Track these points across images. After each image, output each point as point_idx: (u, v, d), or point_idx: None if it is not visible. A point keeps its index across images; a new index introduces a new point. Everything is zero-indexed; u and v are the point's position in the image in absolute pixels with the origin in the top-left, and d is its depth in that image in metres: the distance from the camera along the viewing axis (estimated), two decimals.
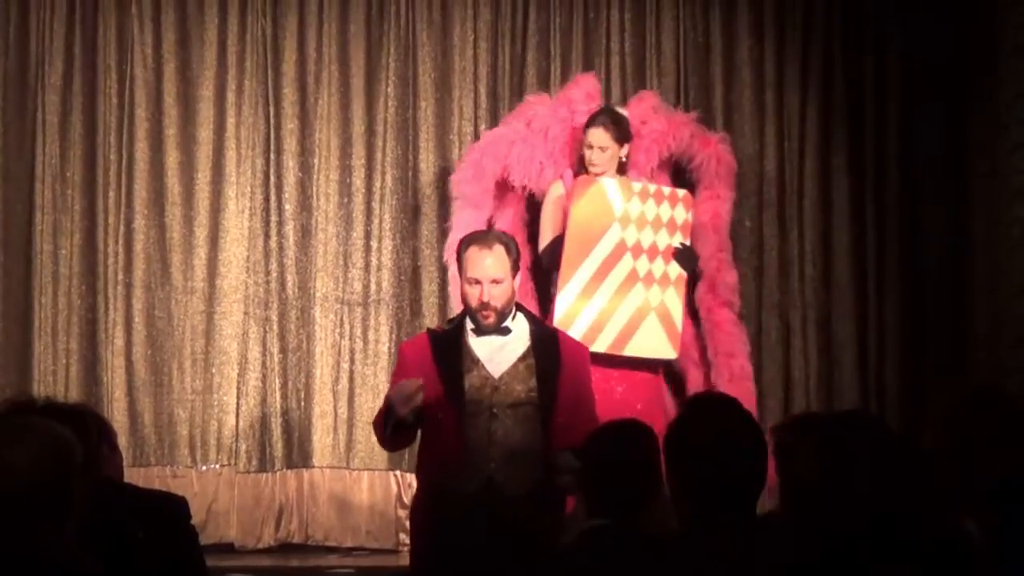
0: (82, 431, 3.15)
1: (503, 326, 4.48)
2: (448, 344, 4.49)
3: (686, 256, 6.18)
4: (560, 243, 6.06)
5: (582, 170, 6.23)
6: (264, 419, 6.92)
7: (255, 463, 6.90)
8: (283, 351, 6.98)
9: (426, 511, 4.49)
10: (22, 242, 6.96)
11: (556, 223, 6.20)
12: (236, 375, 6.96)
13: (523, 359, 4.47)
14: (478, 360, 4.46)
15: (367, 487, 6.96)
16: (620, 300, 6.02)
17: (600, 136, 6.11)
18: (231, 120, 7.06)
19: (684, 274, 6.19)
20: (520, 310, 4.58)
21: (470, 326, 4.50)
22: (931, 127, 7.10)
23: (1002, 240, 6.72)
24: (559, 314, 5.93)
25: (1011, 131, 6.66)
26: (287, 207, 7.05)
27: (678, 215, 6.16)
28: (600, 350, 5.86)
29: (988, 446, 3.24)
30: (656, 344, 6.08)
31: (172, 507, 3.59)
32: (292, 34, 7.11)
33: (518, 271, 4.55)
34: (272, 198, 7.04)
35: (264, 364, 6.95)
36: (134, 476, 6.14)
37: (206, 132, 7.05)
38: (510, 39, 7.15)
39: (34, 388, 6.71)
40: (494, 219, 6.44)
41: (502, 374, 4.44)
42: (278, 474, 6.93)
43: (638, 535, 3.25)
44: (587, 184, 6.06)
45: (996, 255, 6.77)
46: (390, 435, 4.47)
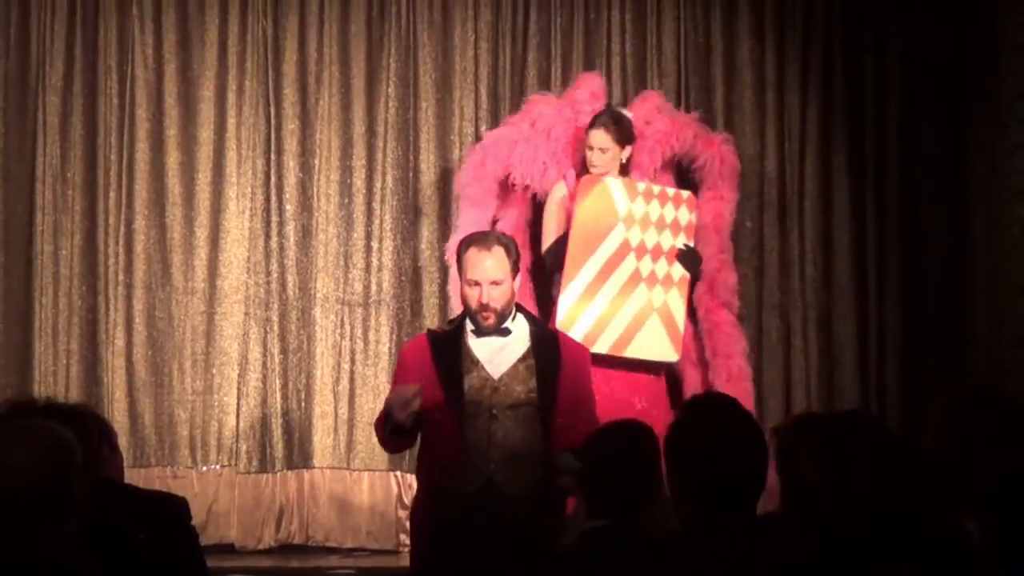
0: (82, 432, 3.15)
1: (503, 327, 4.48)
2: (448, 345, 4.49)
3: (690, 257, 6.16)
4: (564, 243, 6.04)
5: (585, 171, 6.21)
6: (265, 420, 6.92)
7: (255, 464, 6.90)
8: (284, 352, 6.98)
9: (426, 512, 4.50)
10: (23, 243, 6.96)
11: (559, 224, 6.18)
12: (237, 376, 6.96)
13: (523, 360, 4.47)
14: (478, 361, 4.46)
15: (367, 488, 6.96)
16: (623, 301, 5.99)
17: (601, 138, 6.09)
18: (232, 121, 7.06)
19: (687, 275, 6.16)
20: (520, 311, 4.57)
21: (470, 327, 4.50)
22: (931, 127, 7.10)
23: (1002, 240, 6.72)
24: (561, 314, 5.91)
25: (1011, 131, 6.65)
26: (288, 208, 7.05)
27: (682, 216, 6.14)
28: (601, 351, 5.85)
29: (988, 446, 3.25)
30: (658, 346, 6.06)
31: (172, 508, 3.59)
32: (293, 35, 7.11)
33: (518, 272, 4.54)
34: (273, 199, 7.04)
35: (265, 365, 6.95)
36: (134, 477, 6.14)
37: (207, 133, 7.05)
38: (511, 40, 7.14)
39: (35, 389, 6.71)
40: (498, 219, 6.43)
41: (502, 375, 4.44)
42: (278, 475, 6.93)
43: (638, 535, 3.25)
44: (592, 183, 6.03)
45: (996, 255, 6.77)
46: (390, 438, 4.48)
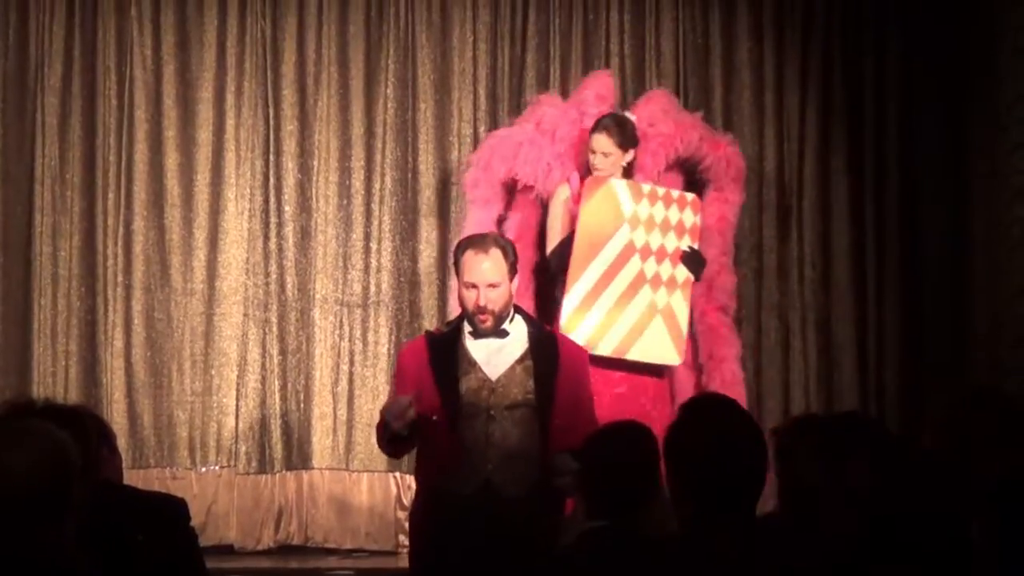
0: (81, 433, 3.15)
1: (501, 328, 4.48)
2: (445, 347, 4.49)
3: (694, 260, 6.11)
4: (568, 245, 6.01)
5: (589, 173, 6.17)
6: (264, 421, 6.92)
7: (255, 465, 6.90)
8: (282, 353, 6.98)
9: (425, 513, 4.49)
10: (21, 244, 6.97)
11: (563, 226, 6.14)
12: (236, 377, 6.96)
13: (521, 361, 4.46)
14: (475, 363, 4.45)
15: (367, 489, 6.96)
16: (627, 303, 5.93)
17: (603, 142, 6.05)
18: (230, 122, 7.06)
19: (691, 278, 6.12)
20: (518, 312, 4.56)
21: (468, 329, 4.49)
22: (931, 128, 7.10)
23: (1002, 241, 6.72)
24: (565, 317, 5.86)
25: (1011, 132, 6.66)
26: (286, 209, 7.05)
27: (686, 218, 6.10)
28: (605, 354, 5.83)
29: (987, 447, 3.25)
30: (661, 349, 6.01)
31: (171, 509, 3.58)
32: (291, 36, 7.11)
33: (516, 274, 4.53)
34: (271, 200, 7.04)
35: (264, 366, 6.95)
36: (133, 478, 6.13)
37: (205, 134, 7.05)
38: (509, 41, 7.14)
39: (33, 390, 6.71)
40: (504, 220, 6.42)
41: (499, 376, 4.43)
42: (277, 476, 6.93)
43: (637, 536, 3.25)
44: (596, 185, 5.99)
45: (996, 256, 6.77)
46: (388, 445, 4.49)
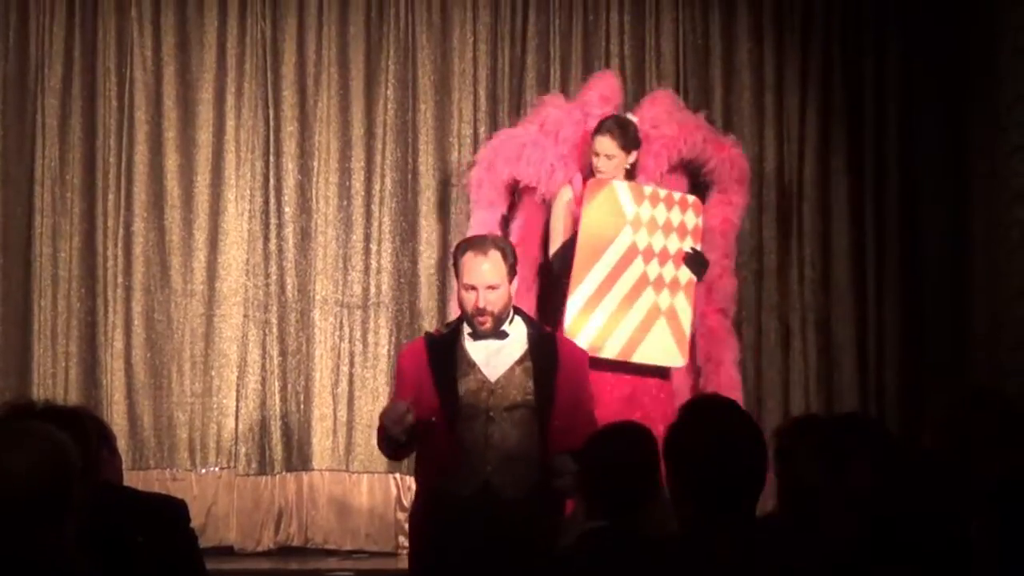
0: (81, 434, 3.15)
1: (500, 330, 4.47)
2: (444, 348, 4.48)
3: (697, 261, 6.08)
4: (571, 247, 6.01)
5: (592, 175, 6.16)
6: (264, 422, 6.92)
7: (254, 466, 6.89)
8: (283, 354, 6.98)
9: (424, 514, 4.49)
10: (21, 245, 6.96)
11: (565, 228, 6.13)
12: (236, 378, 6.96)
13: (520, 362, 4.46)
14: (474, 364, 4.45)
15: (367, 490, 6.96)
16: (630, 305, 5.91)
17: (606, 144, 6.04)
18: (230, 123, 7.06)
19: (694, 279, 6.11)
20: (518, 313, 4.56)
21: (467, 330, 4.49)
22: (931, 129, 7.10)
23: (1001, 242, 6.72)
24: (569, 319, 5.84)
25: (1010, 134, 6.66)
26: (287, 210, 7.05)
27: (688, 220, 6.08)
28: (609, 357, 5.82)
29: (987, 447, 3.25)
30: (665, 351, 6.00)
31: (171, 510, 3.58)
32: (291, 37, 7.11)
33: (515, 276, 4.53)
34: (272, 201, 7.04)
35: (264, 367, 6.95)
36: (133, 479, 6.14)
37: (205, 135, 7.05)
38: (509, 42, 7.14)
39: (33, 391, 6.71)
40: (509, 220, 6.42)
41: (499, 377, 4.43)
42: (277, 477, 6.93)
43: (637, 537, 3.25)
44: (598, 187, 5.98)
45: (995, 257, 6.77)
46: (388, 449, 4.50)
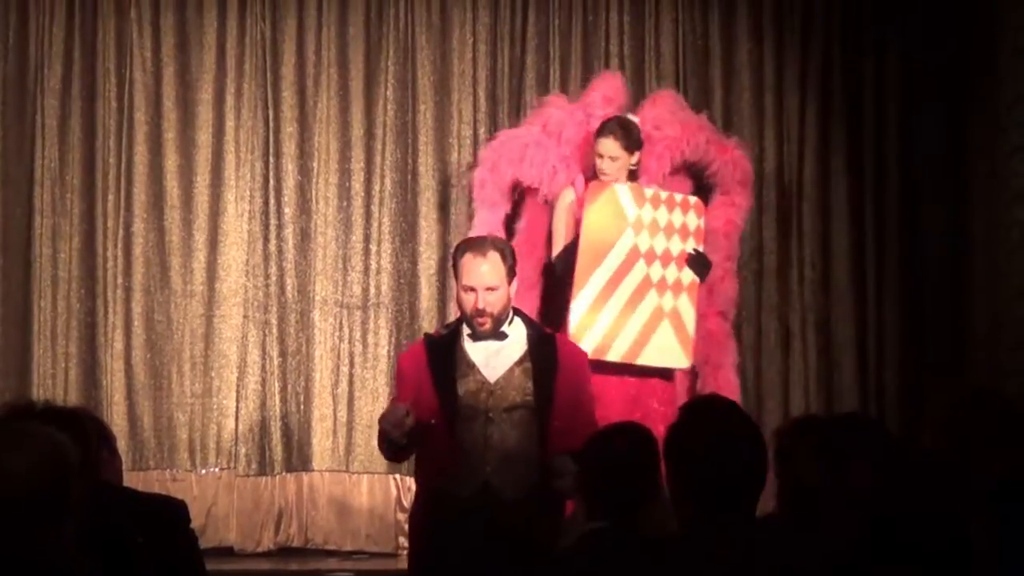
0: (81, 435, 3.15)
1: (500, 331, 4.47)
2: (444, 349, 4.48)
3: (699, 262, 6.08)
4: (573, 250, 6.01)
5: (595, 176, 6.15)
6: (263, 422, 6.92)
7: (254, 467, 6.89)
8: (282, 354, 6.97)
9: (424, 515, 4.49)
10: (21, 246, 6.96)
11: (568, 231, 6.14)
12: (235, 379, 6.96)
13: (519, 363, 4.45)
14: (474, 365, 4.44)
15: (367, 490, 6.96)
16: (633, 308, 5.91)
17: (610, 146, 6.03)
18: (230, 124, 7.05)
19: (697, 280, 6.10)
20: (517, 314, 4.56)
21: (466, 331, 4.49)
22: (931, 129, 7.10)
23: (1001, 242, 6.72)
24: (574, 323, 5.83)
25: (1010, 134, 6.65)
26: (286, 210, 7.05)
27: (690, 221, 6.07)
28: (615, 360, 5.82)
29: (987, 447, 3.25)
30: (670, 353, 6.00)
31: (171, 511, 3.58)
32: (291, 37, 7.11)
33: (514, 277, 4.53)
34: (271, 201, 7.03)
35: (263, 367, 6.95)
36: (133, 480, 6.14)
37: (205, 136, 7.05)
38: (509, 42, 7.14)
39: (33, 392, 6.71)
40: (512, 220, 6.42)
41: (498, 378, 4.43)
42: (277, 478, 6.93)
43: (637, 537, 3.25)
44: (599, 190, 5.97)
45: (995, 257, 6.77)
46: (388, 452, 4.51)
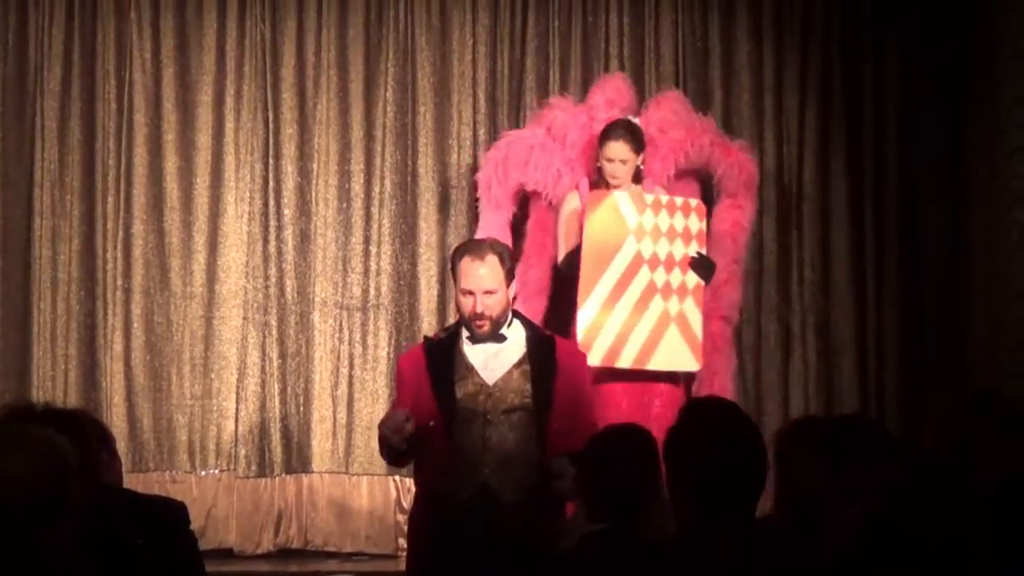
0: (81, 437, 3.15)
1: (498, 333, 4.47)
2: (442, 352, 4.48)
3: (703, 265, 6.08)
4: (577, 257, 6.00)
5: (599, 179, 6.16)
6: (263, 424, 6.92)
7: (254, 468, 6.89)
8: (282, 356, 6.97)
9: (423, 516, 4.50)
10: (21, 247, 6.96)
11: (572, 236, 6.13)
12: (235, 380, 6.95)
13: (518, 365, 4.45)
14: (472, 367, 4.44)
15: (366, 492, 6.96)
16: (640, 314, 5.91)
17: (619, 149, 6.02)
18: (230, 125, 7.05)
19: (701, 283, 6.08)
20: (516, 317, 4.56)
21: (465, 334, 4.49)
22: (930, 130, 7.09)
23: (1001, 244, 6.72)
24: (581, 331, 5.84)
25: (1010, 135, 6.65)
26: (286, 212, 7.05)
27: (692, 225, 6.06)
28: (625, 366, 5.84)
29: (987, 448, 3.24)
30: (680, 356, 6.00)
31: (171, 512, 3.58)
32: (291, 39, 7.11)
33: (513, 280, 4.53)
34: (271, 203, 7.03)
35: (263, 369, 6.95)
36: (133, 481, 6.13)
37: (205, 137, 7.05)
38: (509, 44, 7.14)
39: (33, 393, 6.70)
40: (519, 222, 6.41)
41: (496, 381, 4.43)
42: (277, 479, 6.92)
43: (637, 539, 3.25)
44: (599, 198, 5.97)
45: (995, 259, 6.77)
46: (388, 457, 4.50)
